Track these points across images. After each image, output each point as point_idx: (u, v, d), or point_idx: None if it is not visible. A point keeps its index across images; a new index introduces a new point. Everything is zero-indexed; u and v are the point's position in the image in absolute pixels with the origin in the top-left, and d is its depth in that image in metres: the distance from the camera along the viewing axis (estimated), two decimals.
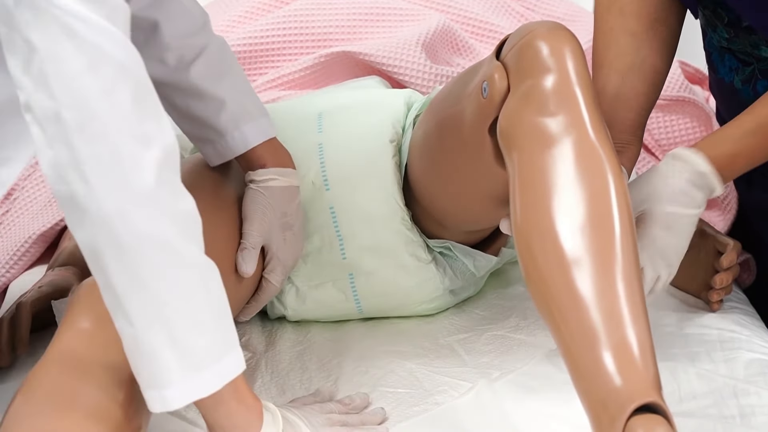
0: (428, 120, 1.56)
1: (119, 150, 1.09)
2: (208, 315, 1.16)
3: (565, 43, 1.32)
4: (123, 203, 1.10)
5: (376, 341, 1.62)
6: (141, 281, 1.12)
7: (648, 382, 1.13)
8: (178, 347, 1.14)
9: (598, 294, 1.19)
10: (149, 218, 1.11)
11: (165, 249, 1.12)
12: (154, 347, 1.14)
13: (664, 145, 1.99)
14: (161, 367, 1.15)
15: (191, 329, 1.15)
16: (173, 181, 1.14)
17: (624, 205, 1.25)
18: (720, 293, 1.66)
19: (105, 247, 1.12)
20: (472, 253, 1.65)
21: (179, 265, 1.14)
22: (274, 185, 1.53)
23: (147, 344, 1.14)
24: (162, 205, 1.12)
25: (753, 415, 1.40)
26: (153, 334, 1.14)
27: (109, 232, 1.10)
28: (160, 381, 1.16)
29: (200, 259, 1.16)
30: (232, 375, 1.19)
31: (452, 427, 1.38)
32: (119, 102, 1.09)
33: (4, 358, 1.57)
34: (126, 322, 1.14)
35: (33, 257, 1.89)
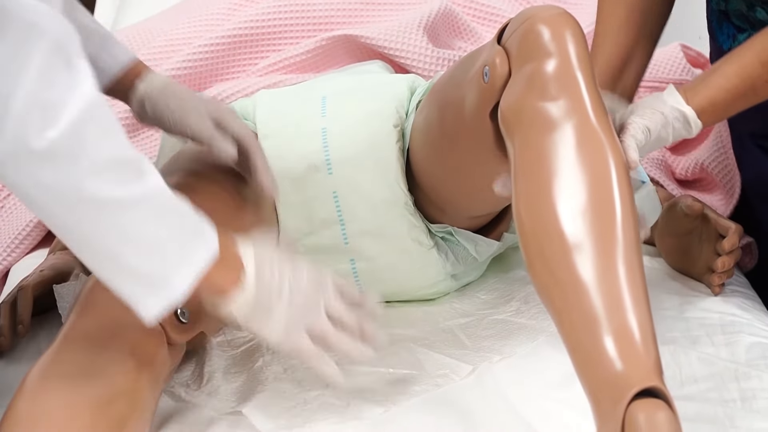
0: (430, 105, 1.55)
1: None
2: (152, 237, 1.15)
3: (566, 28, 1.31)
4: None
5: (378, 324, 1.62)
6: (71, 234, 1.15)
7: (649, 367, 1.13)
8: (134, 277, 1.16)
9: (599, 278, 1.19)
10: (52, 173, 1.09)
11: (77, 201, 1.11)
12: (113, 281, 1.17)
13: None
14: (128, 293, 1.18)
15: (142, 257, 1.15)
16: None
17: (625, 189, 1.25)
18: (722, 277, 1.66)
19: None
20: (474, 238, 1.65)
21: (98, 211, 1.12)
22: (168, 80, 1.48)
23: (107, 280, 1.18)
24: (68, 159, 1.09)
25: (754, 399, 1.40)
26: (108, 273, 1.17)
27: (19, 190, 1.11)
28: (134, 302, 1.18)
29: (121, 193, 1.13)
30: (200, 269, 1.19)
31: (452, 409, 1.39)
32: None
33: (5, 342, 1.57)
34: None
35: (34, 241, 1.89)
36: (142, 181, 1.14)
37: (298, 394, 1.43)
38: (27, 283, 1.62)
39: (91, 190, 1.10)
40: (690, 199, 1.68)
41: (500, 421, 1.36)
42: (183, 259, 1.18)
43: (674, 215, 1.71)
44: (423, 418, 1.37)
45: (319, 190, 1.60)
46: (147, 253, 1.16)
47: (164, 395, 1.40)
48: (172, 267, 1.17)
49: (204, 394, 1.44)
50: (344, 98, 1.65)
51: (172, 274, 1.17)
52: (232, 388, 1.45)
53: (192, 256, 1.18)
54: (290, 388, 1.44)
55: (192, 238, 1.19)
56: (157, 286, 1.17)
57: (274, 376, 1.48)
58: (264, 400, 1.41)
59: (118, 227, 1.13)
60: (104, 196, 1.11)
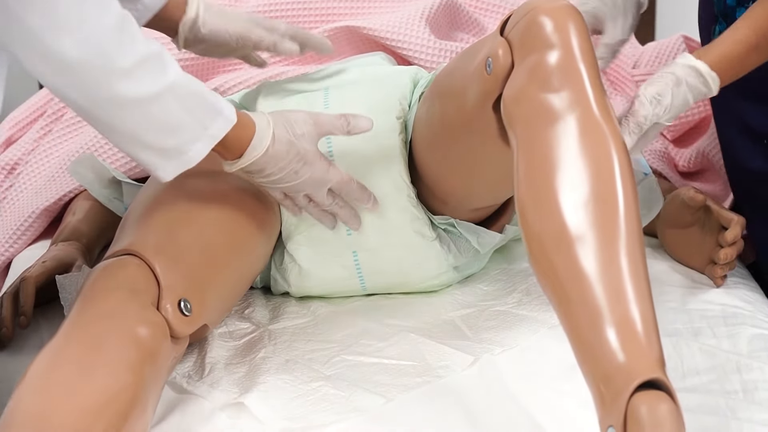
0: (432, 96, 1.55)
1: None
2: (174, 121, 1.29)
3: (569, 19, 1.31)
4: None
5: (380, 315, 1.62)
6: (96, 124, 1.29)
7: (651, 359, 1.13)
8: (154, 150, 1.31)
9: (602, 270, 1.19)
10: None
11: (110, 102, 1.25)
12: (132, 154, 1.32)
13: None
14: (146, 161, 1.33)
15: (165, 137, 1.30)
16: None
17: (628, 180, 1.25)
18: (724, 268, 1.66)
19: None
20: (477, 230, 1.65)
21: (129, 107, 1.26)
22: (211, 3, 1.57)
23: (127, 153, 1.33)
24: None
25: (756, 391, 1.40)
26: (129, 149, 1.32)
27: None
28: (152, 168, 1.33)
29: (171, 76, 1.27)
30: (216, 139, 1.34)
31: (454, 399, 1.39)
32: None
33: (7, 333, 1.57)
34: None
35: (37, 232, 1.89)
36: (166, 73, 1.27)
37: (299, 386, 1.43)
38: (29, 274, 1.62)
39: (123, 91, 1.23)
40: (692, 191, 1.68)
41: (502, 412, 1.36)
42: (201, 133, 1.32)
43: (676, 207, 1.71)
44: (424, 410, 1.37)
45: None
46: (169, 133, 1.30)
47: (166, 386, 1.41)
48: (190, 141, 1.32)
49: (205, 384, 1.44)
50: (347, 90, 1.65)
51: (190, 146, 1.32)
52: (233, 379, 1.45)
53: (209, 129, 1.33)
54: (291, 380, 1.44)
55: (210, 114, 1.33)
56: (174, 156, 1.32)
57: (276, 367, 1.48)
58: (265, 391, 1.41)
59: (145, 117, 1.27)
60: (133, 95, 1.24)
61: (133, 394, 1.24)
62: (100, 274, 1.34)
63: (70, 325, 1.28)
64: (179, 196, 1.48)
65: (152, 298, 1.34)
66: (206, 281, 1.42)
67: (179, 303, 1.35)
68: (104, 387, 1.22)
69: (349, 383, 1.43)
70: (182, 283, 1.37)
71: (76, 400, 1.20)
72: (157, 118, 1.28)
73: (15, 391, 1.22)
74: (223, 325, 1.59)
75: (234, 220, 1.50)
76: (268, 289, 1.72)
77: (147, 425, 1.28)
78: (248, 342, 1.55)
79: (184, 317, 1.36)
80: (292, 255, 1.63)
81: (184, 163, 1.33)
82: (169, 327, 1.34)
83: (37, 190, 1.87)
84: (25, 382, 1.22)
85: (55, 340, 1.27)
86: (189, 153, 1.33)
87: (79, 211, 1.81)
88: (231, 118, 1.36)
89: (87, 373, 1.23)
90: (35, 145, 1.92)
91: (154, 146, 1.31)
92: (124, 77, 1.23)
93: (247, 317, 1.63)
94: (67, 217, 1.82)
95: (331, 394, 1.41)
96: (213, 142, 1.34)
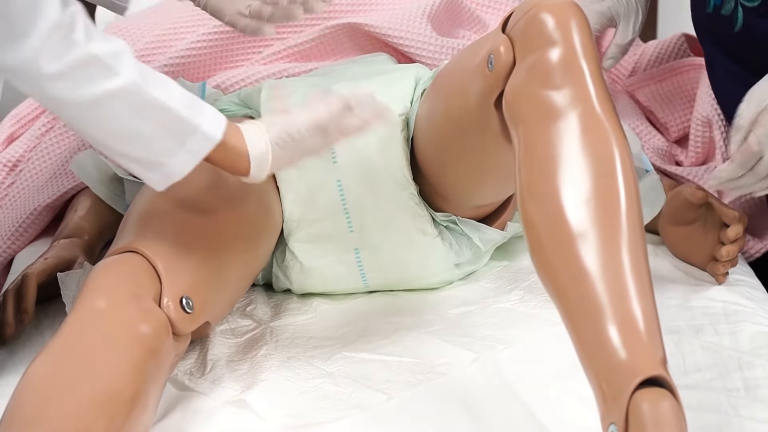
0: (434, 94, 1.55)
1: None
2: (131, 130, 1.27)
3: (571, 16, 1.31)
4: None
5: (382, 312, 1.62)
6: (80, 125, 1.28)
7: (653, 356, 1.13)
8: (130, 160, 1.30)
9: (604, 267, 1.19)
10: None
11: (49, 104, 1.26)
12: (117, 160, 1.31)
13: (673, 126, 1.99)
14: (130, 168, 1.32)
15: (130, 146, 1.29)
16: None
17: (630, 177, 1.25)
18: (726, 266, 1.66)
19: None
20: (478, 227, 1.65)
21: (69, 109, 1.25)
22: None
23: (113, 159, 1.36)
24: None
25: (758, 388, 1.40)
26: (109, 154, 1.31)
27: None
28: (139, 175, 1.33)
29: (118, 82, 1.24)
30: (198, 156, 1.31)
31: (455, 397, 1.39)
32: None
33: (9, 330, 1.57)
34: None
35: (38, 229, 1.89)
36: (110, 79, 1.24)
37: (301, 383, 1.43)
38: (31, 271, 1.62)
39: (59, 93, 1.23)
40: (694, 188, 1.68)
41: (503, 409, 1.36)
42: (175, 147, 1.29)
43: (678, 204, 1.71)
44: (426, 407, 1.37)
45: (324, 179, 1.60)
46: (134, 142, 1.28)
47: (168, 383, 1.41)
48: (162, 154, 1.29)
49: (207, 381, 1.44)
50: (349, 87, 1.65)
51: (165, 159, 1.29)
52: (235, 376, 1.45)
53: (186, 144, 1.29)
54: (293, 377, 1.44)
55: (182, 128, 1.29)
56: (154, 168, 1.30)
57: (278, 364, 1.48)
58: (267, 388, 1.41)
59: (98, 121, 1.26)
60: (73, 97, 1.23)
61: (135, 391, 1.24)
62: (102, 271, 1.34)
63: (72, 322, 1.28)
64: (181, 194, 1.48)
65: (154, 296, 1.34)
66: (208, 278, 1.42)
67: (181, 300, 1.35)
68: (106, 384, 1.22)
69: (350, 380, 1.43)
70: (184, 281, 1.37)
71: (77, 397, 1.20)
72: (110, 125, 1.26)
73: (16, 388, 1.22)
74: (224, 322, 1.59)
75: (236, 217, 1.50)
76: (270, 286, 1.72)
77: (149, 423, 1.28)
78: (250, 339, 1.55)
79: (186, 314, 1.36)
80: (294, 252, 1.63)
81: (167, 175, 1.30)
82: (171, 324, 1.34)
83: (39, 187, 1.87)
84: (26, 379, 1.22)
85: (57, 337, 1.27)
86: (168, 166, 1.30)
87: (81, 208, 1.81)
88: (213, 137, 1.30)
89: (88, 370, 1.23)
90: (37, 142, 1.92)
91: (126, 154, 1.29)
92: (57, 80, 1.22)
93: (248, 314, 1.63)
94: (68, 214, 1.82)
95: (332, 391, 1.41)
96: (195, 158, 1.30)
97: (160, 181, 1.31)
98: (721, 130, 1.86)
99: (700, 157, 1.92)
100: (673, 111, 1.98)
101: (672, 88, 1.99)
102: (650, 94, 1.99)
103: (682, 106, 1.97)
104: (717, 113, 1.85)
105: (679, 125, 1.98)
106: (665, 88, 1.99)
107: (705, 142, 1.90)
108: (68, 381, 1.21)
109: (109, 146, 1.29)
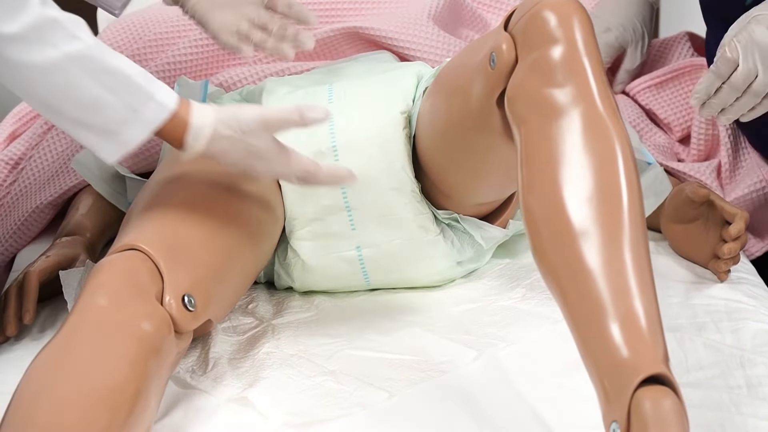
0: (436, 91, 1.55)
1: None
2: (87, 95, 1.27)
3: (573, 14, 1.31)
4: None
5: (383, 310, 1.62)
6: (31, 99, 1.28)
7: (655, 354, 1.13)
8: (85, 128, 1.30)
9: (606, 265, 1.19)
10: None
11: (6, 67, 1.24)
12: (70, 131, 1.31)
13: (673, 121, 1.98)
14: (85, 140, 1.32)
15: (85, 112, 1.28)
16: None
17: (632, 175, 1.25)
18: (727, 263, 1.66)
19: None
20: (480, 225, 1.65)
21: (23, 73, 1.24)
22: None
23: (66, 131, 1.31)
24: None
25: (760, 386, 1.40)
26: (63, 125, 1.30)
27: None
28: (93, 148, 1.32)
29: (78, 46, 1.25)
30: (152, 126, 1.31)
31: (457, 395, 1.39)
32: None
33: (11, 327, 1.57)
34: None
35: (40, 227, 1.89)
36: (69, 42, 1.24)
37: (303, 381, 1.43)
38: (33, 269, 1.62)
39: (13, 55, 1.22)
40: (695, 185, 1.68)
41: (505, 407, 1.36)
42: (131, 116, 1.29)
43: (680, 201, 1.71)
44: (428, 405, 1.37)
45: None
46: (90, 110, 1.27)
47: (170, 381, 1.41)
48: (118, 122, 1.29)
49: (209, 379, 1.44)
50: (351, 84, 1.65)
51: (121, 128, 1.29)
52: (237, 374, 1.45)
53: (141, 113, 1.30)
54: (295, 374, 1.44)
55: (138, 97, 1.29)
56: (109, 136, 1.30)
57: (279, 362, 1.48)
58: (269, 386, 1.42)
59: (53, 86, 1.25)
60: (27, 60, 1.22)
61: (137, 389, 1.24)
62: (103, 269, 1.34)
63: (73, 320, 1.28)
64: (183, 192, 1.48)
65: (156, 294, 1.34)
66: (210, 276, 1.42)
67: (183, 298, 1.35)
68: (108, 382, 1.22)
69: (352, 378, 1.43)
70: (186, 279, 1.37)
71: (79, 395, 1.20)
72: (67, 90, 1.26)
73: (17, 386, 1.22)
74: (226, 320, 1.59)
75: (238, 215, 1.50)
76: (272, 283, 1.72)
77: (151, 420, 1.28)
78: (252, 337, 1.55)
79: (188, 312, 1.36)
80: (296, 250, 1.63)
81: (122, 144, 1.31)
82: (173, 322, 1.34)
83: (40, 185, 1.87)
84: (28, 377, 1.22)
85: (58, 335, 1.27)
86: (123, 135, 1.30)
87: (83, 206, 1.81)
88: (167, 106, 1.32)
89: (90, 368, 1.23)
90: (39, 140, 1.92)
91: (81, 122, 1.29)
92: (14, 42, 1.21)
93: (250, 312, 1.63)
94: (70, 212, 1.82)
95: (334, 389, 1.41)
96: (149, 127, 1.31)
97: (114, 150, 1.31)
98: (725, 126, 1.86)
99: (702, 154, 1.92)
100: (676, 110, 1.98)
101: (675, 87, 1.99)
102: (651, 95, 1.99)
103: (685, 105, 1.98)
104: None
105: (683, 124, 1.98)
106: (668, 88, 1.99)
107: (708, 140, 1.90)
108: (70, 379, 1.21)
109: (61, 113, 1.28)
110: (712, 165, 1.87)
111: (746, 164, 1.85)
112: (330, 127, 1.60)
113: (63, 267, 1.64)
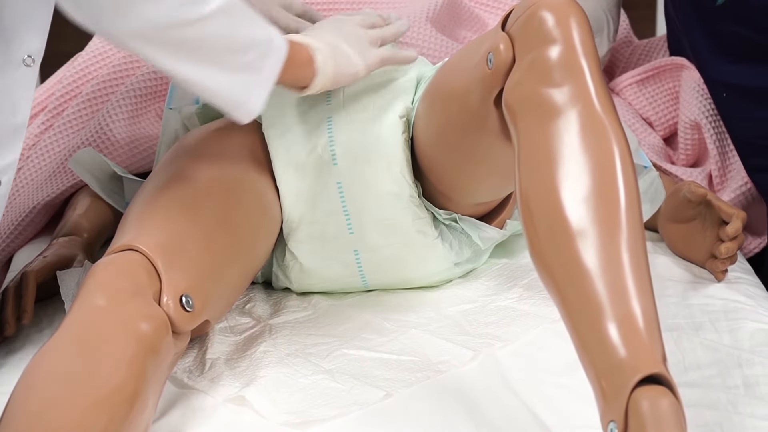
0: (433, 92, 1.55)
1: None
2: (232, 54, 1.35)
3: (570, 13, 1.31)
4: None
5: (381, 310, 1.62)
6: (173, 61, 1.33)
7: (653, 354, 1.13)
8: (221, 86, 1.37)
9: (603, 265, 1.19)
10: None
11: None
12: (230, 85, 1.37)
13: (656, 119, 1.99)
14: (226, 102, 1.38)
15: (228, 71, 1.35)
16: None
17: (630, 175, 1.25)
18: (725, 263, 1.66)
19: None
20: (478, 226, 1.65)
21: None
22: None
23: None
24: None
25: (757, 386, 1.40)
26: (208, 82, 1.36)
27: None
28: (232, 107, 1.39)
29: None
30: (272, 80, 1.39)
31: (454, 394, 1.39)
32: None
33: (9, 328, 1.57)
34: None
35: (38, 227, 1.89)
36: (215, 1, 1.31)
37: (300, 380, 1.43)
38: (30, 269, 1.62)
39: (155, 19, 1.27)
40: (693, 185, 1.68)
41: (502, 407, 1.36)
42: (267, 47, 1.38)
43: (677, 201, 1.71)
44: (424, 405, 1.38)
45: (324, 181, 1.59)
46: (239, 50, 1.35)
47: (167, 381, 1.41)
48: (262, 57, 1.38)
49: (207, 379, 1.44)
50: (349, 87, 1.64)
51: (264, 62, 1.38)
52: (234, 374, 1.45)
53: (273, 42, 1.39)
54: (292, 374, 1.44)
55: (268, 31, 1.39)
56: (256, 73, 1.38)
57: (276, 361, 1.48)
58: (266, 385, 1.42)
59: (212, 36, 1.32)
60: (174, 18, 1.28)
61: (135, 389, 1.24)
62: (101, 269, 1.34)
63: (71, 320, 1.28)
64: (180, 192, 1.48)
65: (154, 294, 1.34)
66: (208, 277, 1.42)
67: (181, 299, 1.35)
68: (105, 383, 1.22)
69: (349, 377, 1.43)
70: (184, 279, 1.37)
71: (77, 396, 1.20)
72: (213, 41, 1.32)
73: (15, 387, 1.22)
74: (224, 320, 1.59)
75: (236, 216, 1.50)
76: (269, 284, 1.72)
77: (149, 421, 1.28)
78: (249, 337, 1.55)
79: (185, 313, 1.36)
80: (294, 253, 1.63)
81: (266, 80, 1.38)
82: (171, 322, 1.34)
83: (38, 185, 1.87)
84: (25, 378, 1.22)
85: (56, 335, 1.27)
86: (265, 71, 1.38)
87: (80, 206, 1.81)
88: (282, 38, 1.41)
89: (88, 368, 1.23)
90: (36, 140, 1.92)
91: (238, 65, 1.35)
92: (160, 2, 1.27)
93: (248, 312, 1.63)
94: (68, 213, 1.82)
95: (331, 388, 1.41)
96: (280, 57, 1.39)
97: (263, 89, 1.38)
98: (710, 133, 1.86)
99: (690, 158, 1.92)
100: (657, 108, 1.98)
101: (656, 85, 1.99)
102: (633, 93, 1.99)
103: (666, 104, 1.98)
104: (704, 116, 1.86)
105: (664, 123, 1.98)
106: (649, 86, 1.99)
107: (695, 145, 1.91)
108: (68, 379, 1.21)
109: (218, 62, 1.34)
110: (704, 172, 1.88)
111: (734, 167, 1.86)
112: (328, 133, 1.59)
113: (60, 267, 1.64)
